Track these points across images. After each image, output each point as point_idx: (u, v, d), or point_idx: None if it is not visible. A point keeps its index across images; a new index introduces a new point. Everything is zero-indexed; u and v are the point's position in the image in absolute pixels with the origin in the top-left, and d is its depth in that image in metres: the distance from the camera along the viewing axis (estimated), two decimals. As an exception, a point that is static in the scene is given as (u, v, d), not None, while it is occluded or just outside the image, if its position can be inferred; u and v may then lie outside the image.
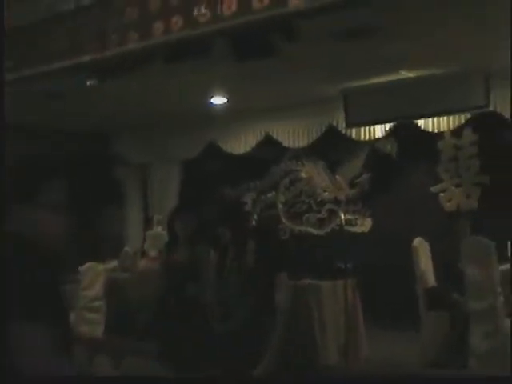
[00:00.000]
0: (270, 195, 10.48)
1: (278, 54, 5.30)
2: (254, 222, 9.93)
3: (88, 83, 5.97)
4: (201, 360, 5.79)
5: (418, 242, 7.54)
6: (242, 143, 10.26)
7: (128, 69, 5.84)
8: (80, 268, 8.86)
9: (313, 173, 10.07)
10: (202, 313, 5.81)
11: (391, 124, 8.93)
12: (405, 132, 8.90)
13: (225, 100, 9.20)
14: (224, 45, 5.36)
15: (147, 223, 10.59)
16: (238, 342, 5.54)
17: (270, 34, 5.12)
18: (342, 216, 9.40)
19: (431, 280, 7.36)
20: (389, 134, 9.08)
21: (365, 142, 9.38)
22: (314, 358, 5.88)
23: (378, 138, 9.22)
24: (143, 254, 8.96)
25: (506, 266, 6.67)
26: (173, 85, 7.95)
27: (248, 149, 10.23)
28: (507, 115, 7.83)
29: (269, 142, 10.10)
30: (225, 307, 5.77)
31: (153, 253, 8.42)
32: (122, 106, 9.35)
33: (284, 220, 10.34)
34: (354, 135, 9.32)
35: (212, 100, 9.17)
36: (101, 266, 8.83)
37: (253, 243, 5.70)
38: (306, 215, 10.12)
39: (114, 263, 9.08)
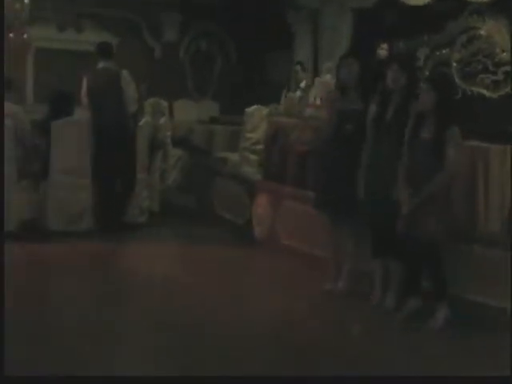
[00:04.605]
0: (444, 52, 10.06)
1: None
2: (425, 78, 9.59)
3: None
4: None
5: None
6: (419, -6, 9.75)
7: None
8: (246, 110, 8.98)
9: (494, 31, 9.50)
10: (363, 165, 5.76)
11: None
12: None
13: None
14: None
15: (316, 70, 10.48)
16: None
17: None
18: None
19: None
20: None
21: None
22: (474, 224, 5.72)
23: None
24: (309, 100, 8.90)
25: None
26: None
27: (425, 1, 9.71)
28: None
29: (449, -5, 9.54)
30: (382, 161, 5.68)
31: (319, 100, 8.35)
32: None
33: (456, 79, 9.95)
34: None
35: None
36: (266, 110, 8.89)
37: (425, 96, 5.43)
38: (481, 76, 9.66)
39: (279, 108, 9.11)
